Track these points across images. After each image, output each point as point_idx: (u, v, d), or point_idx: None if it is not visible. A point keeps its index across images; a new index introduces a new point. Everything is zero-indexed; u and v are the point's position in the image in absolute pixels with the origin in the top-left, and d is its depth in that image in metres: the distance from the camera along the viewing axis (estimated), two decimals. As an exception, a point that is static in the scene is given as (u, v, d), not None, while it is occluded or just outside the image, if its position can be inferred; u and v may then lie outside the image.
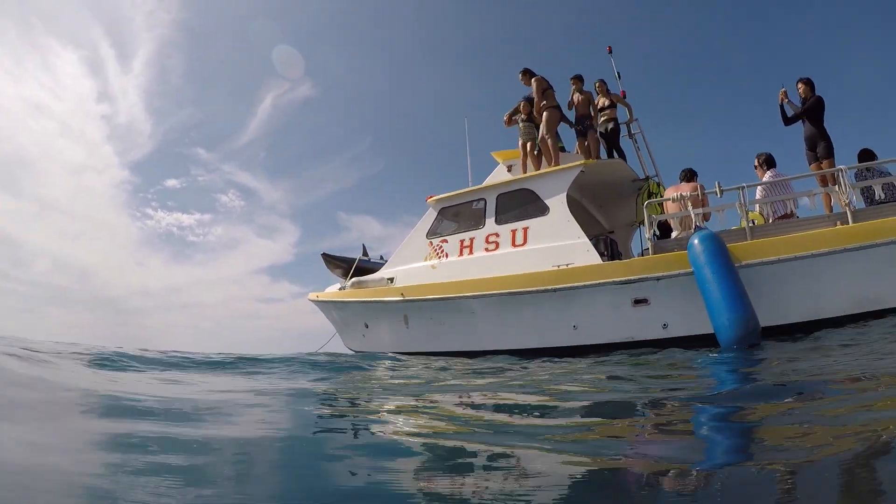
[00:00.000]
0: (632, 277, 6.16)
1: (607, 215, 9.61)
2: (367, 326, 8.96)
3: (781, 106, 6.79)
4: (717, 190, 6.07)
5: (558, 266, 6.77)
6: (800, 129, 6.75)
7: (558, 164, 7.75)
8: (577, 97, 8.34)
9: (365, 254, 10.45)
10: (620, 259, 8.21)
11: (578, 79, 8.41)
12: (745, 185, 6.00)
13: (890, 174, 5.98)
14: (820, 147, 6.58)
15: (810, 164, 6.69)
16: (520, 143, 8.22)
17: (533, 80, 8.25)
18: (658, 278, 6.04)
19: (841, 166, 5.90)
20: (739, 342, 4.91)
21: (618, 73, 8.99)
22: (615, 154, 8.32)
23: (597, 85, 8.57)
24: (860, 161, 6.25)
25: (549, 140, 7.85)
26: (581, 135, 8.11)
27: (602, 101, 8.41)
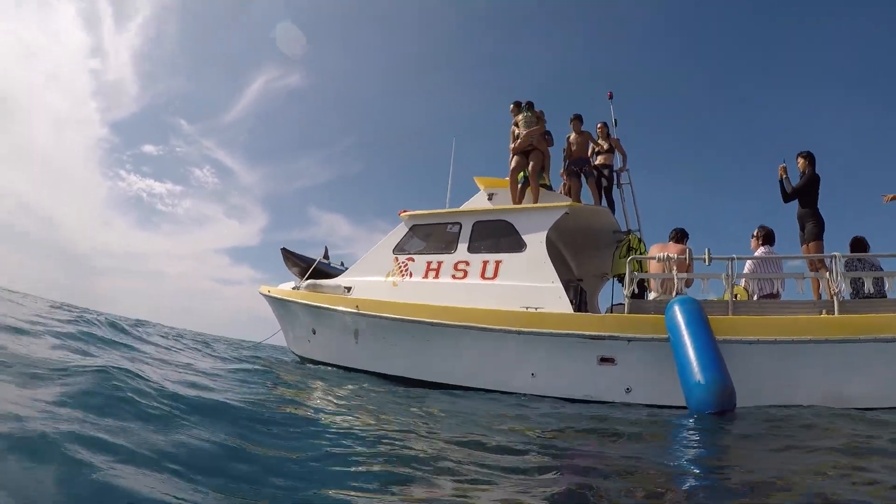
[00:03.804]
0: (602, 333, 5.75)
1: (579, 262, 9.26)
2: (314, 333, 8.39)
3: (781, 182, 6.53)
4: (706, 257, 5.74)
5: (527, 308, 6.33)
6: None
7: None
8: (574, 137, 8.10)
9: (326, 256, 9.93)
10: (586, 310, 7.86)
11: (578, 119, 8.20)
12: (735, 256, 5.68)
13: (881, 269, 5.73)
14: (808, 227, 6.31)
15: (801, 245, 6.42)
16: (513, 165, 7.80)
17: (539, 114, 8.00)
18: (629, 339, 5.64)
19: (835, 253, 5.61)
20: (712, 406, 4.45)
21: (615, 119, 8.72)
22: (603, 202, 7.99)
23: (598, 127, 8.31)
24: (852, 250, 6.01)
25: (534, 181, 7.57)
26: (574, 176, 7.81)
27: (602, 145, 8.14)
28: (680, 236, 6.58)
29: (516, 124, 7.95)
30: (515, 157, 7.76)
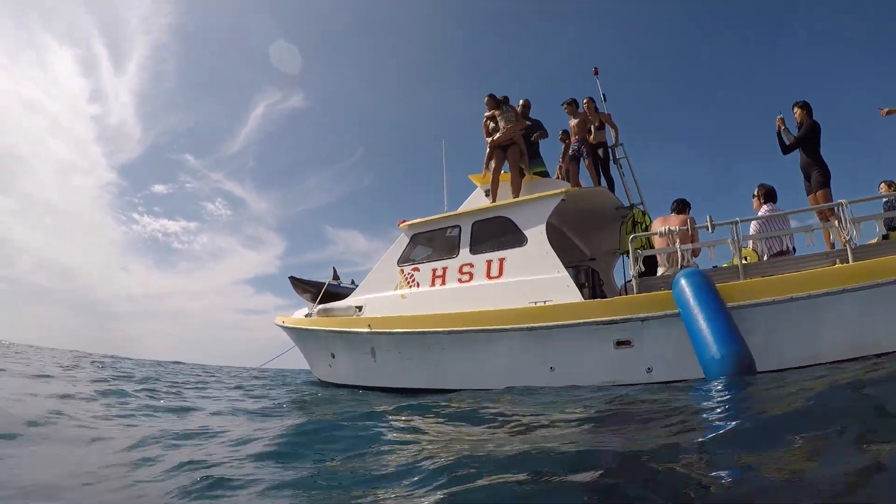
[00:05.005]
0: (615, 318, 5.63)
1: (589, 242, 9.13)
2: (333, 357, 8.39)
3: (779, 134, 6.34)
4: (709, 225, 5.57)
5: (535, 303, 6.23)
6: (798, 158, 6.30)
7: (517, 194, 7.43)
8: (573, 122, 8.06)
9: (335, 277, 9.92)
10: (601, 290, 7.74)
11: (573, 103, 8.17)
12: (738, 219, 5.52)
13: None
14: (813, 176, 6.13)
15: (808, 195, 6.23)
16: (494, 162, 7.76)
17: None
18: (643, 319, 5.52)
19: (841, 200, 5.42)
20: (731, 376, 4.34)
21: (604, 95, 8.56)
22: (602, 181, 7.86)
23: (585, 103, 8.15)
24: (888, 190, 5.86)
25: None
26: (573, 160, 7.74)
27: (593, 122, 8.01)
28: (681, 206, 6.41)
29: (493, 118, 7.87)
30: (496, 150, 7.70)
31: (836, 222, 5.42)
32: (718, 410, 3.24)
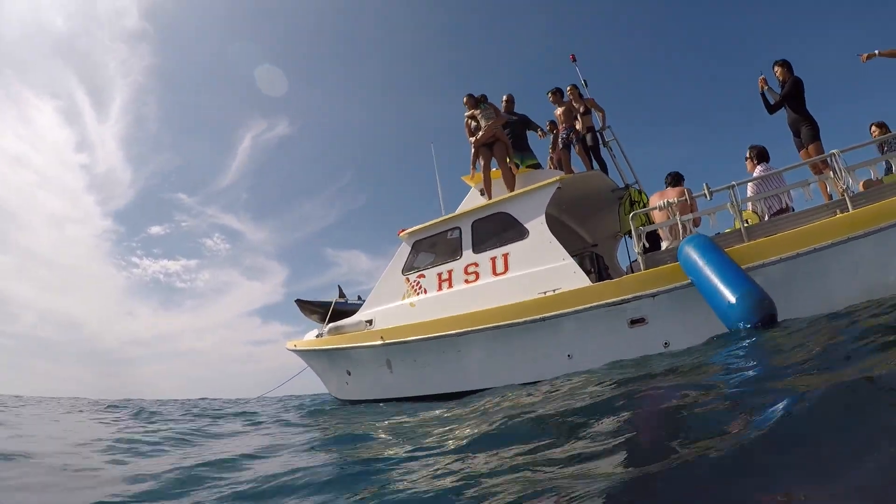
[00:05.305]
0: (626, 297, 5.63)
1: (589, 228, 9.14)
2: (349, 374, 8.38)
3: (763, 94, 6.38)
4: (706, 192, 5.58)
5: (544, 293, 6.24)
6: (784, 116, 6.32)
7: (512, 187, 7.44)
8: (558, 111, 8.12)
9: (342, 295, 9.95)
10: (608, 274, 7.74)
11: (558, 92, 8.26)
12: (734, 182, 5.53)
13: None
14: (803, 131, 6.16)
15: (799, 151, 6.26)
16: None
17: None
18: (653, 295, 5.53)
19: (833, 150, 5.43)
20: (754, 318, 4.24)
21: (584, 80, 8.61)
22: (594, 165, 7.89)
23: (569, 90, 8.22)
24: (880, 133, 5.92)
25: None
26: (564, 147, 7.79)
27: (578, 108, 8.05)
28: (676, 179, 6.44)
29: (473, 117, 7.92)
30: (481, 148, 7.75)
31: (831, 173, 5.45)
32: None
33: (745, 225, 5.57)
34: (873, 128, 6.17)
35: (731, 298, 4.44)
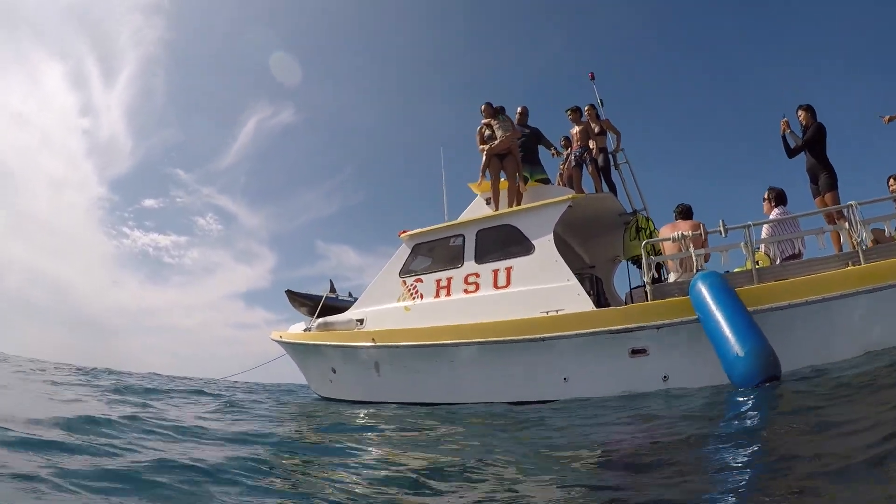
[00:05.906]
0: (629, 326, 5.55)
1: (589, 249, 9.07)
2: (334, 372, 8.19)
3: (783, 137, 6.34)
4: (722, 229, 5.52)
5: (546, 312, 6.13)
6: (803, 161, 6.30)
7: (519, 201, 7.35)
8: (575, 129, 8.01)
9: (332, 290, 9.72)
10: (605, 298, 7.67)
11: (577, 111, 8.15)
12: (751, 223, 5.49)
13: None
14: (821, 179, 6.13)
15: (814, 198, 6.24)
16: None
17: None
18: (658, 326, 5.45)
19: (851, 202, 5.42)
20: (758, 376, 4.29)
21: (601, 100, 8.54)
22: (605, 187, 7.82)
23: (587, 110, 8.13)
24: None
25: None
26: (577, 166, 7.69)
27: (594, 128, 7.98)
28: (687, 212, 6.38)
29: (489, 126, 7.80)
30: (492, 158, 7.62)
31: (847, 224, 5.42)
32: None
33: (757, 266, 5.52)
34: (891, 181, 6.16)
35: (740, 352, 4.41)
